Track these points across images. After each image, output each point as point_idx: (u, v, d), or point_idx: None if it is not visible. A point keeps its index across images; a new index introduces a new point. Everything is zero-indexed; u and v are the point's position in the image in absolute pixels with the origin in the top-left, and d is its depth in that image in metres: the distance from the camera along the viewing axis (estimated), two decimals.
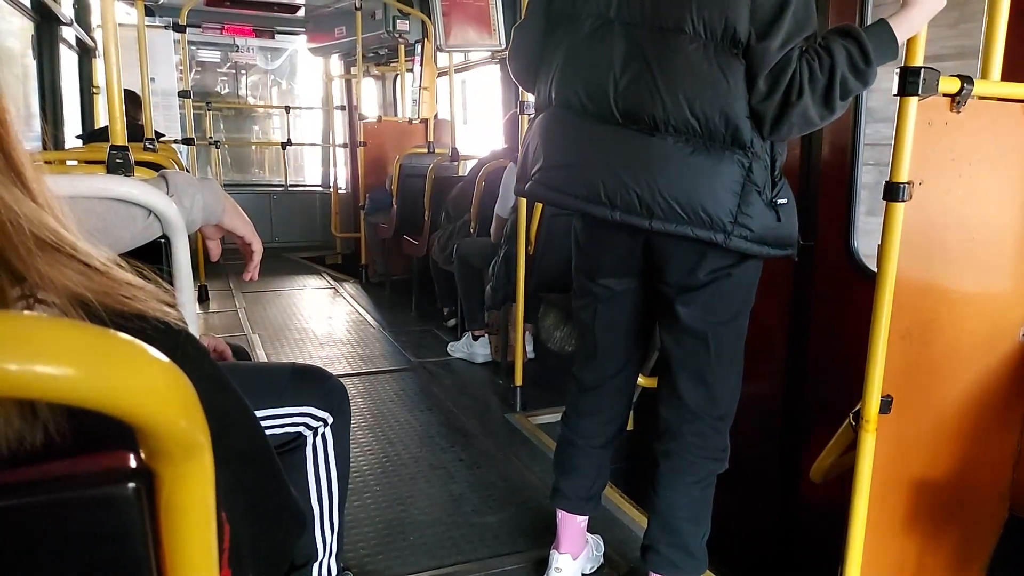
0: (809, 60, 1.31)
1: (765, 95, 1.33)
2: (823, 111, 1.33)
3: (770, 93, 1.32)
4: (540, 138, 1.55)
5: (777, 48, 1.30)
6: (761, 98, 1.33)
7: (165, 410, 0.34)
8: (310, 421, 1.42)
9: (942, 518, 1.82)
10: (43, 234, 0.49)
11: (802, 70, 1.30)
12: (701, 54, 1.35)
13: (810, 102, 1.31)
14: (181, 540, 0.41)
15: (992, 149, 1.59)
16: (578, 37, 1.47)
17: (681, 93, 1.36)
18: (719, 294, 1.51)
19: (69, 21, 4.20)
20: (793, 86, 1.31)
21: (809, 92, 1.30)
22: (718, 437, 1.62)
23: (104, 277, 0.51)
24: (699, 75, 1.35)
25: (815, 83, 1.30)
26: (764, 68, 1.31)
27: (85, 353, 0.30)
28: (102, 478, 0.38)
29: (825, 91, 1.31)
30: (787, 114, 1.33)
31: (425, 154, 5.17)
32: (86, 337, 0.31)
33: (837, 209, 2.40)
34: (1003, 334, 1.76)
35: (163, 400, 0.34)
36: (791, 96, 1.31)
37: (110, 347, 0.32)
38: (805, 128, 1.37)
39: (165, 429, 0.35)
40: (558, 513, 1.85)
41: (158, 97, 4.97)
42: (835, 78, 1.30)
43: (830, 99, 1.32)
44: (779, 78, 1.31)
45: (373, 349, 4.05)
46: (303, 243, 7.87)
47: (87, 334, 0.31)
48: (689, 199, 1.38)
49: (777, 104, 1.33)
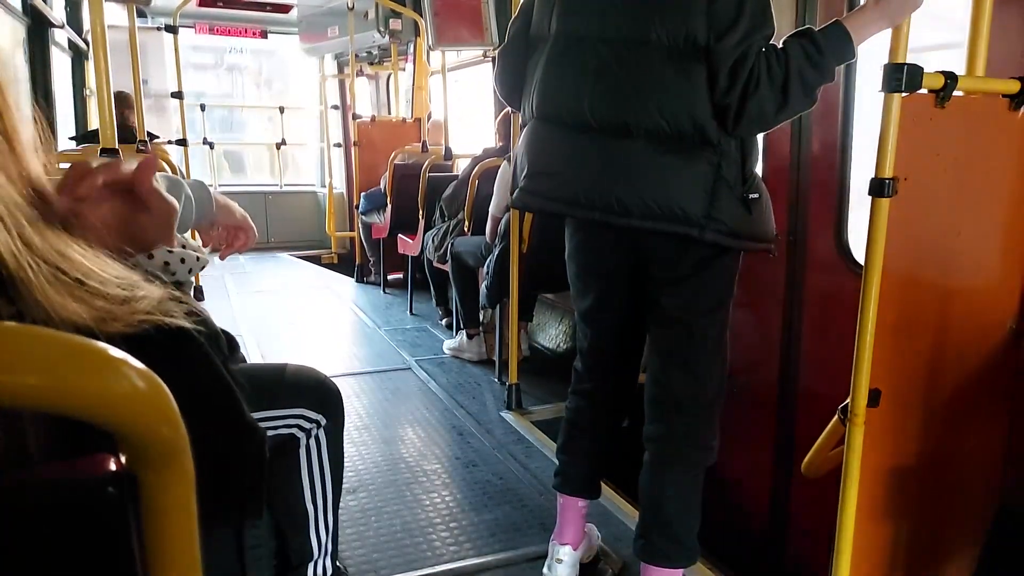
0: (767, 55, 1.40)
1: (726, 89, 1.41)
2: (781, 104, 1.41)
3: (730, 87, 1.41)
4: (524, 149, 1.66)
5: (734, 46, 1.39)
6: (723, 93, 1.42)
7: (143, 416, 0.35)
8: (303, 423, 1.43)
9: (932, 510, 1.83)
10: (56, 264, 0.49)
11: (759, 64, 1.39)
12: (666, 61, 1.44)
13: (767, 94, 1.39)
14: (163, 543, 0.41)
15: (977, 144, 1.60)
16: (553, 54, 1.57)
17: (650, 99, 1.46)
18: (701, 286, 1.60)
19: (61, 24, 4.19)
20: (751, 78, 1.39)
21: (767, 84, 1.39)
22: (706, 427, 1.66)
23: (108, 303, 0.51)
24: (665, 81, 1.45)
25: (772, 76, 1.39)
26: (724, 65, 1.40)
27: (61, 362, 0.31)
28: (84, 483, 0.38)
29: (783, 83, 1.39)
30: (747, 108, 1.41)
31: (419, 153, 5.17)
32: (62, 346, 0.32)
33: (828, 204, 2.41)
34: (991, 327, 1.77)
35: (141, 407, 0.35)
36: (749, 87, 1.39)
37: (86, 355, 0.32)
38: (765, 123, 1.46)
39: (144, 435, 0.35)
40: (559, 500, 1.88)
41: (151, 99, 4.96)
42: (791, 70, 1.39)
43: (787, 92, 1.40)
44: (738, 72, 1.40)
45: (368, 349, 4.06)
46: (298, 243, 7.87)
47: (63, 343, 0.32)
48: (663, 197, 1.47)
49: (737, 97, 1.41)
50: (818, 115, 2.34)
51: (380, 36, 5.59)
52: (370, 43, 5.85)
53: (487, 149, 4.16)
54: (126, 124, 3.85)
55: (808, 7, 2.27)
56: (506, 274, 3.04)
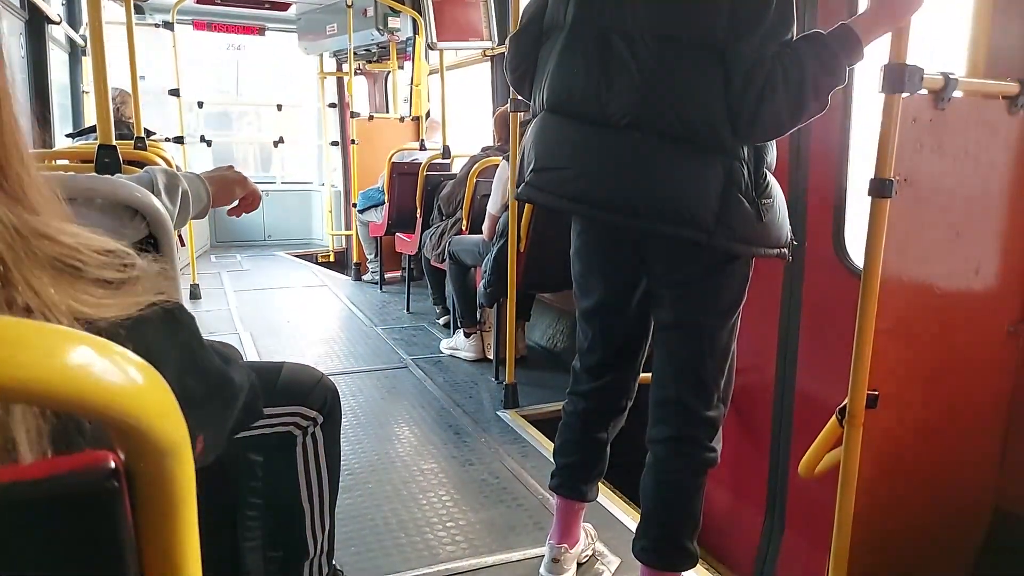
0: (782, 60, 1.35)
1: (740, 92, 1.37)
2: (796, 110, 1.37)
3: (745, 90, 1.36)
4: (533, 142, 1.60)
5: (753, 49, 1.35)
6: (737, 95, 1.37)
7: (139, 410, 0.34)
8: (300, 421, 1.42)
9: (929, 511, 1.83)
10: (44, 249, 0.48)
11: (775, 68, 1.35)
12: (683, 58, 1.39)
13: (783, 99, 1.35)
14: (161, 538, 0.41)
15: (977, 145, 1.60)
16: (568, 44, 1.52)
17: (664, 96, 1.41)
18: (710, 291, 1.55)
19: (59, 19, 4.18)
20: (767, 83, 1.35)
21: (783, 89, 1.35)
22: (710, 432, 1.63)
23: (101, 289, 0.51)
24: (681, 79, 1.40)
25: (788, 81, 1.35)
26: (740, 67, 1.36)
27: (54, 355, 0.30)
28: (80, 477, 0.38)
29: (797, 89, 1.35)
30: (761, 112, 1.36)
31: (417, 151, 5.16)
32: (55, 338, 0.31)
33: (826, 206, 2.40)
34: (989, 329, 1.77)
35: (136, 400, 0.34)
36: (764, 92, 1.35)
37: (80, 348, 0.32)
38: (779, 128, 1.41)
39: (140, 428, 0.35)
40: (556, 500, 1.87)
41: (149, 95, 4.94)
42: (806, 76, 1.35)
43: (802, 97, 1.36)
44: (754, 76, 1.35)
45: (365, 347, 4.05)
46: (295, 241, 7.86)
47: (57, 336, 0.32)
48: (673, 199, 1.42)
49: (752, 101, 1.36)
50: None
51: (379, 34, 5.58)
52: (369, 41, 5.84)
53: (485, 148, 4.15)
54: (123, 120, 3.83)
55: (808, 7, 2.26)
56: (504, 273, 3.03)
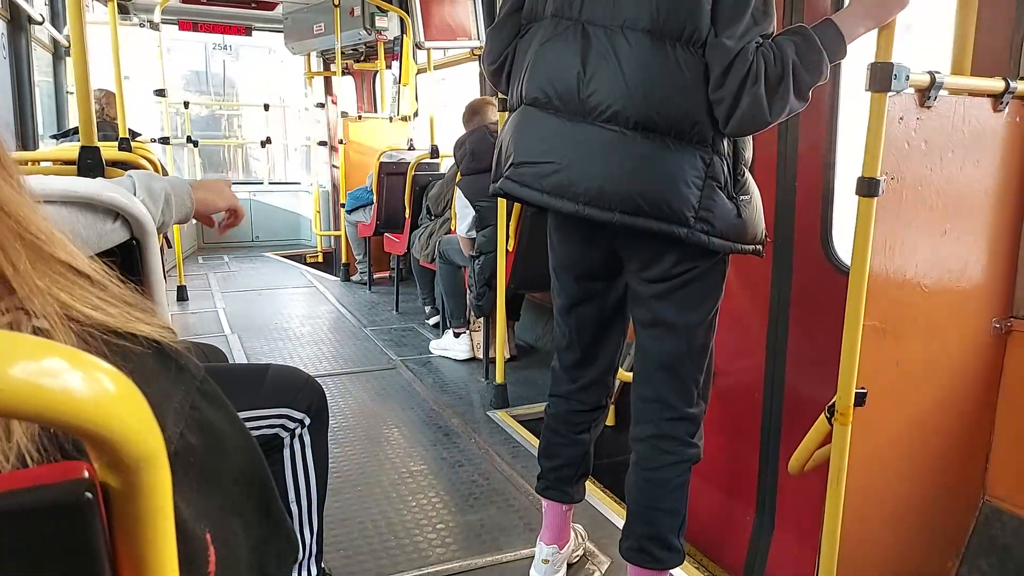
0: (764, 53, 1.36)
1: (721, 84, 1.37)
2: (776, 104, 1.37)
3: (726, 82, 1.36)
4: (511, 135, 1.59)
5: (735, 42, 1.35)
6: (717, 87, 1.38)
7: (113, 420, 0.33)
8: (287, 423, 1.41)
9: (918, 507, 1.84)
10: (30, 231, 0.48)
11: (757, 61, 1.35)
12: (663, 51, 1.39)
13: (763, 92, 1.35)
14: (137, 549, 0.40)
15: (963, 144, 1.61)
16: (547, 37, 1.51)
17: (645, 90, 1.40)
18: (688, 287, 1.55)
19: (41, 20, 4.13)
20: (748, 76, 1.35)
21: (764, 82, 1.35)
22: (692, 427, 1.65)
23: (97, 289, 0.50)
24: (661, 71, 1.40)
25: (769, 74, 1.35)
26: (722, 60, 1.36)
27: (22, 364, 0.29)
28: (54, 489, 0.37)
29: (779, 82, 1.36)
30: (740, 105, 1.37)
31: (405, 151, 5.15)
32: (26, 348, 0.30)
33: (814, 204, 2.41)
34: (976, 326, 1.78)
35: (108, 409, 0.33)
36: (745, 85, 1.35)
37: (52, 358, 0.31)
38: (760, 121, 1.40)
39: (114, 439, 0.34)
40: (544, 502, 1.87)
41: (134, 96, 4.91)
42: (787, 69, 1.35)
43: (783, 90, 1.36)
44: (735, 68, 1.35)
45: (354, 348, 4.04)
46: (283, 241, 7.82)
47: (27, 345, 0.31)
48: (652, 193, 1.42)
49: (732, 93, 1.36)
50: (804, 114, 2.34)
51: (366, 33, 5.56)
52: (356, 40, 5.82)
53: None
54: (108, 121, 3.80)
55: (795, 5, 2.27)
56: (492, 284, 3.03)
